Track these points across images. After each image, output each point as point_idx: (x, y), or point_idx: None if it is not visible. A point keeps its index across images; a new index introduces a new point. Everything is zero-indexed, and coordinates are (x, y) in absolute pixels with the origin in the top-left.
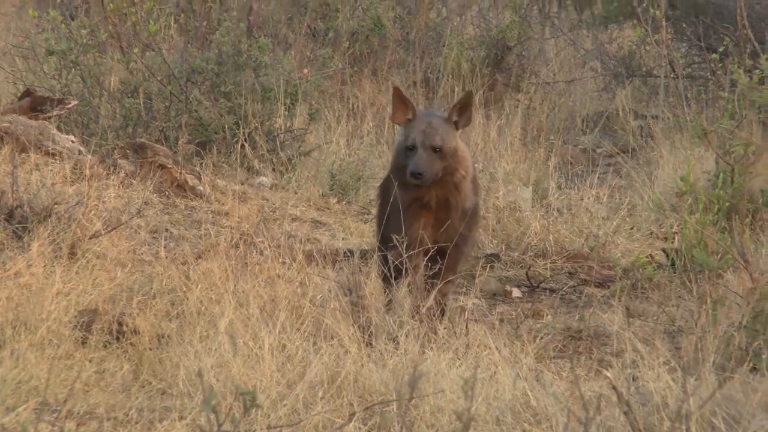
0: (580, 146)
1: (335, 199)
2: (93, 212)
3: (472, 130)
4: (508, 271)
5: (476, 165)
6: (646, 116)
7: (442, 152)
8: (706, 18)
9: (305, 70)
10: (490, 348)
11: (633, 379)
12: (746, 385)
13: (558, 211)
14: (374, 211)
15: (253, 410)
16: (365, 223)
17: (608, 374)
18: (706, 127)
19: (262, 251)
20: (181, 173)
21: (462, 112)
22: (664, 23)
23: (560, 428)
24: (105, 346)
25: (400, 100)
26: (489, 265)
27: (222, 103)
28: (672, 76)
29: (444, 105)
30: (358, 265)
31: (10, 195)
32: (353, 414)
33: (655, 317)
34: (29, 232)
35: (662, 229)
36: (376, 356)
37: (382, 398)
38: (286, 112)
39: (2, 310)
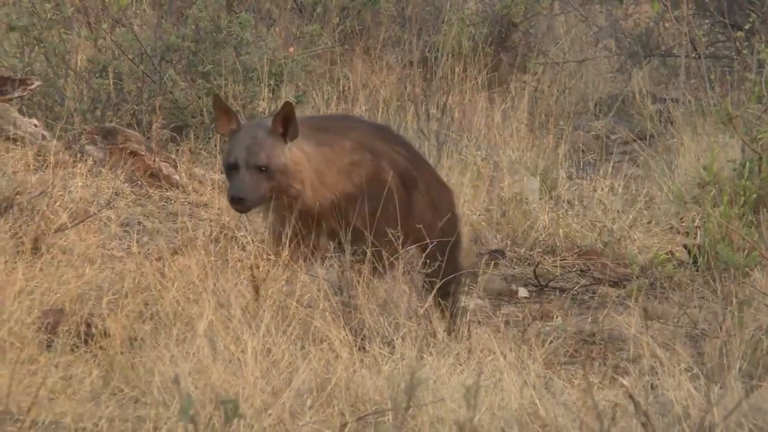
0: (592, 132)
1: None
2: (58, 203)
3: (474, 114)
4: (514, 268)
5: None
6: (665, 100)
7: (269, 171)
8: None
9: (291, 49)
10: (494, 353)
11: (651, 388)
12: None
13: (568, 203)
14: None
15: (235, 420)
16: None
17: (624, 382)
18: (732, 111)
19: (244, 246)
20: (154, 161)
21: (286, 123)
22: None
23: None
24: (72, 350)
25: (221, 110)
26: (493, 263)
27: (200, 84)
28: (693, 55)
29: (443, 88)
30: (349, 262)
31: None
32: (345, 424)
33: (676, 320)
34: None
35: (683, 224)
36: (370, 361)
37: (376, 407)
38: (270, 95)
39: None
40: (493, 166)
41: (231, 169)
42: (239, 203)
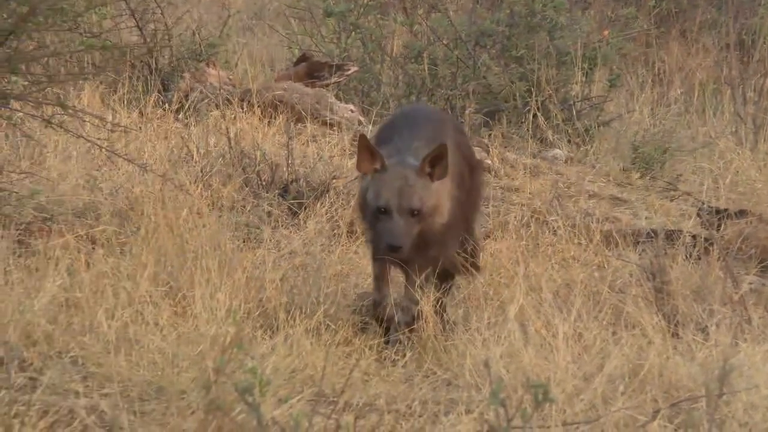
0: None
1: (638, 174)
2: None
3: None
4: None
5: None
6: None
7: (421, 214)
8: None
9: (605, 32)
10: None
11: None
12: None
13: None
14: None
15: (546, 405)
16: (671, 200)
17: None
18: None
19: (555, 231)
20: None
21: (435, 163)
22: None
23: None
24: (386, 333)
25: (366, 149)
26: None
27: (513, 68)
28: None
29: (760, 71)
30: (662, 247)
31: (285, 168)
32: (658, 411)
33: None
34: (305, 208)
35: None
36: (683, 348)
37: (689, 394)
38: (584, 78)
39: (276, 293)
40: None
41: (381, 212)
42: (396, 251)
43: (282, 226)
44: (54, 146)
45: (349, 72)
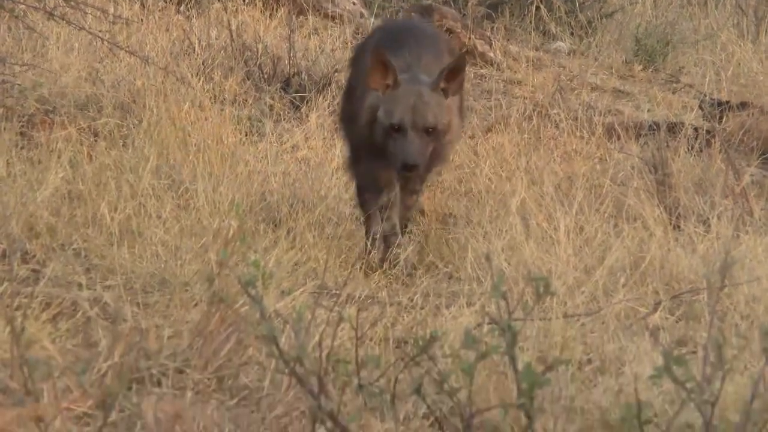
0: None
1: (640, 66)
2: None
3: None
4: None
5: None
6: None
7: (436, 132)
8: None
9: None
10: None
11: None
12: None
13: None
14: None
15: (548, 297)
16: (673, 93)
17: None
18: None
19: (557, 124)
20: (470, 38)
21: (452, 78)
22: None
23: None
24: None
25: (381, 64)
26: None
27: None
28: None
29: None
30: (664, 140)
31: (287, 62)
32: (659, 303)
33: None
34: (307, 102)
35: None
36: (685, 240)
37: (691, 286)
38: None
39: (278, 187)
40: None
41: (394, 130)
42: (412, 170)
43: (284, 119)
44: (56, 38)
45: None
